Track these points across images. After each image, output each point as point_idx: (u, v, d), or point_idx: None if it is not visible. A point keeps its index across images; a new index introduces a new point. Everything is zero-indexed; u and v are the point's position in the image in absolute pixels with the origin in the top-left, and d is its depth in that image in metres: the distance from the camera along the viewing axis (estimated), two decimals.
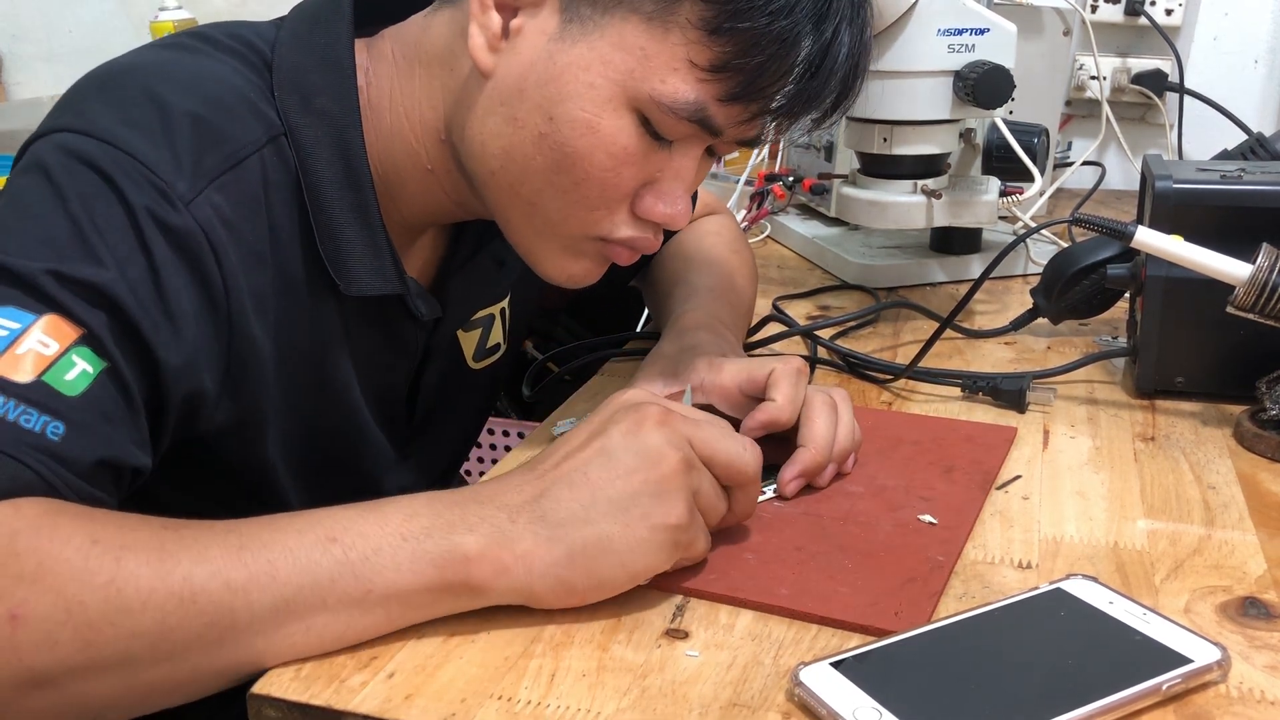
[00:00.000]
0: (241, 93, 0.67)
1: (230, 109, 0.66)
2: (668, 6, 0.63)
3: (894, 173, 1.05)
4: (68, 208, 0.59)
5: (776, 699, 0.53)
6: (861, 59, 0.68)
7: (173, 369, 0.61)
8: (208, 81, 0.67)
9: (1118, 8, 1.65)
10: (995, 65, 0.95)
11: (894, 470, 0.75)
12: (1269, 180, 0.83)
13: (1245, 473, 0.76)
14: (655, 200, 0.70)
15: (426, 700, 0.52)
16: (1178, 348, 0.86)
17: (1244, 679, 0.54)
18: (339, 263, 0.71)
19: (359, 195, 0.70)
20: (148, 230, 0.60)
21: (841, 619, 0.58)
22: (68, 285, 0.57)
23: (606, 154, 0.66)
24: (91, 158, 0.61)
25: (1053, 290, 0.97)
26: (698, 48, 0.63)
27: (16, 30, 2.46)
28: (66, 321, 0.57)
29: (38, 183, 0.61)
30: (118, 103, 0.64)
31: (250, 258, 0.66)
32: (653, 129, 0.67)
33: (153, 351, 0.60)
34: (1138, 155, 1.66)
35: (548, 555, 0.56)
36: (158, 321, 0.60)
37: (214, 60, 0.69)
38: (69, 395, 0.56)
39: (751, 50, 0.63)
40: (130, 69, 0.67)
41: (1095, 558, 0.65)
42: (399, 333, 0.79)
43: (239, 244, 0.65)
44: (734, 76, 0.64)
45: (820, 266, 1.27)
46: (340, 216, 0.70)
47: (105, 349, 0.58)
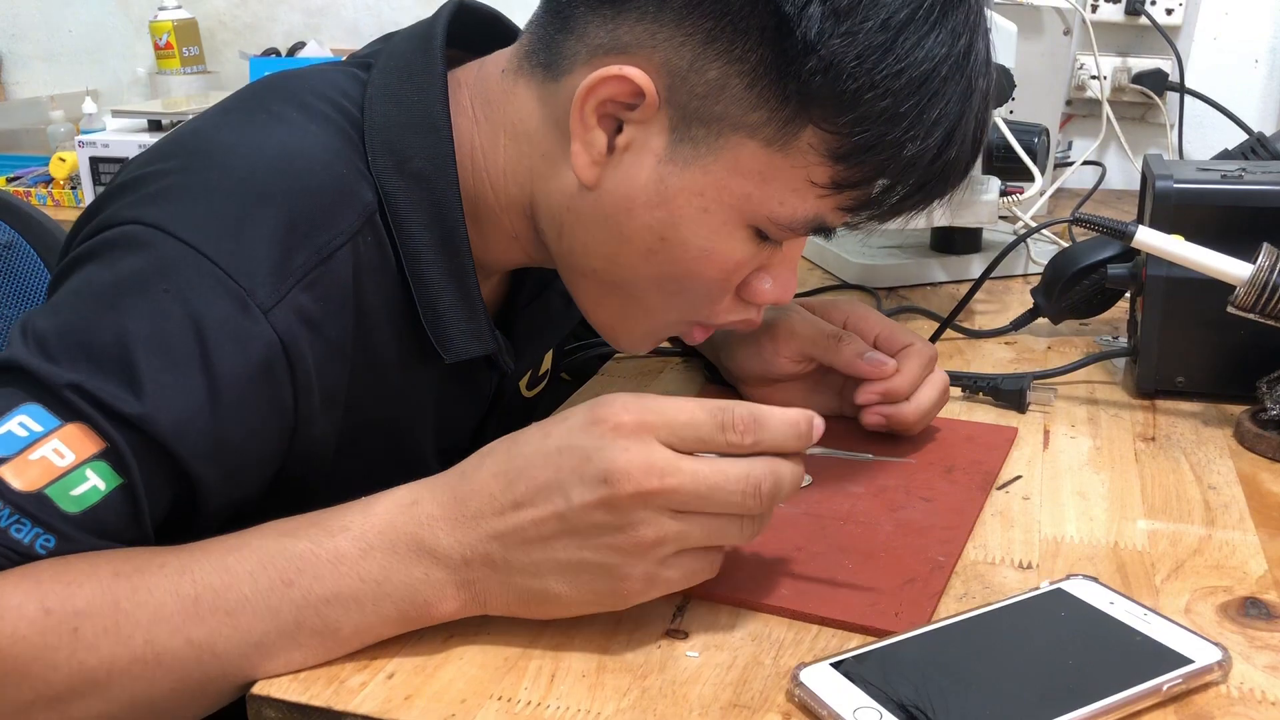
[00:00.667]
0: (334, 170, 0.64)
1: (323, 195, 0.63)
2: (789, 132, 0.60)
3: None
4: (120, 320, 0.56)
5: (776, 699, 0.53)
6: (974, 157, 0.66)
7: (211, 484, 0.59)
8: (298, 160, 0.63)
9: (1118, 7, 1.65)
10: (995, 65, 0.95)
11: (894, 470, 0.75)
12: (1269, 180, 0.83)
13: (1246, 473, 0.76)
14: (764, 284, 0.69)
15: (426, 701, 0.52)
16: (1178, 348, 0.86)
17: (1244, 679, 0.54)
18: (439, 331, 0.69)
19: (456, 260, 0.68)
20: (215, 347, 0.57)
21: (842, 619, 0.58)
22: (93, 403, 0.55)
23: (719, 270, 0.66)
24: (163, 262, 0.58)
25: (1053, 290, 0.97)
26: (819, 169, 0.61)
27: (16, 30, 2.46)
28: (91, 433, 0.55)
29: (95, 283, 0.58)
30: (199, 191, 0.61)
31: (329, 355, 0.64)
32: (765, 235, 0.65)
33: (189, 473, 0.58)
34: (1138, 155, 1.66)
35: (501, 597, 0.55)
36: (200, 449, 0.57)
37: (301, 131, 0.65)
38: (69, 511, 0.54)
39: (876, 174, 0.62)
40: (210, 147, 0.64)
41: (1095, 558, 0.65)
42: (478, 386, 0.79)
43: (319, 344, 0.62)
44: (854, 194, 0.63)
45: (820, 266, 1.27)
46: (438, 283, 0.68)
47: (126, 467, 0.55)
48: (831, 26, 0.58)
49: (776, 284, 0.69)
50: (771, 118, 0.60)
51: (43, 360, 0.55)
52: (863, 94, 0.59)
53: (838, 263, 1.23)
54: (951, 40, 0.60)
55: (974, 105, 0.63)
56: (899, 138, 0.60)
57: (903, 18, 0.58)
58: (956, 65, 0.60)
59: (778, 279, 0.69)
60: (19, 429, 0.54)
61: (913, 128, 0.60)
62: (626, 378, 0.95)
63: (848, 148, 0.60)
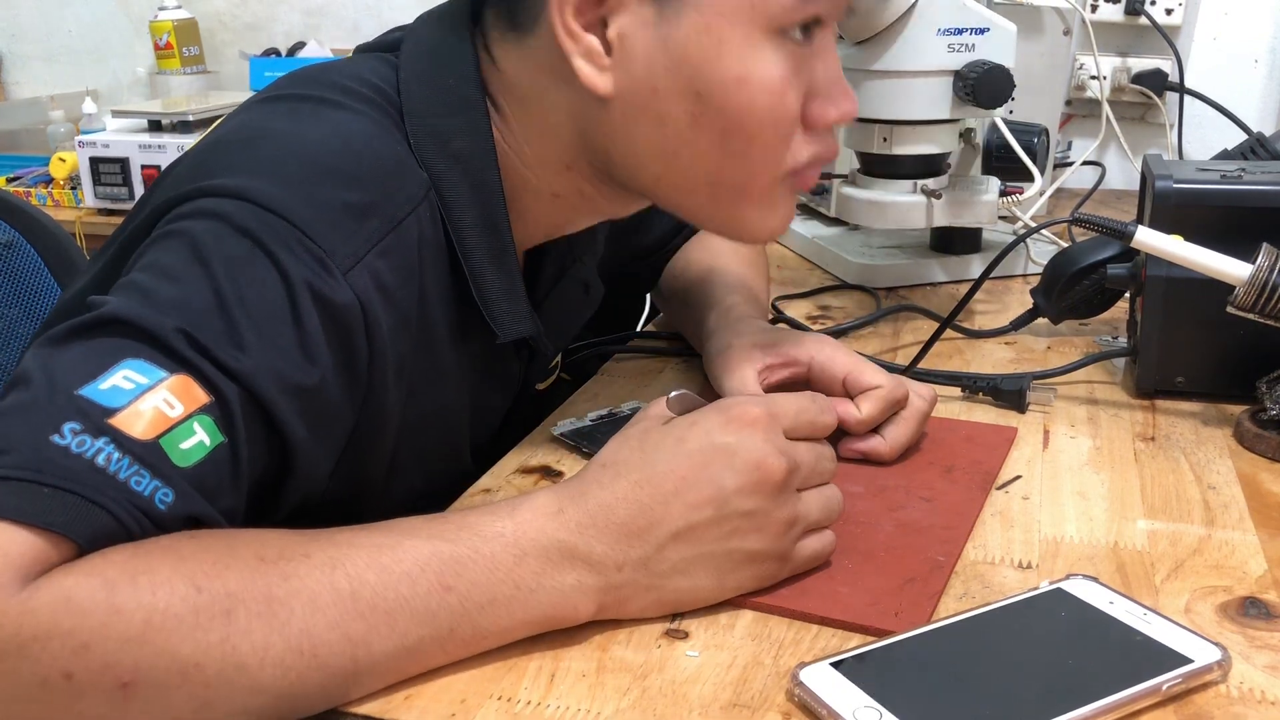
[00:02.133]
0: (390, 147, 0.65)
1: (385, 168, 0.64)
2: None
3: (894, 173, 1.05)
4: (214, 280, 0.56)
5: (776, 699, 0.53)
6: None
7: (300, 442, 0.59)
8: (355, 140, 0.64)
9: (1118, 7, 1.65)
10: (995, 65, 0.95)
11: (894, 470, 0.75)
12: (1269, 180, 0.83)
13: (1245, 473, 0.76)
14: (824, 106, 0.67)
15: (426, 700, 0.52)
16: (1178, 348, 0.86)
17: (1244, 679, 0.54)
18: (490, 311, 0.70)
19: (497, 239, 0.69)
20: (303, 304, 0.58)
21: (842, 619, 0.58)
22: (200, 352, 0.54)
23: (767, 93, 0.64)
24: (245, 224, 0.58)
25: (1053, 290, 0.97)
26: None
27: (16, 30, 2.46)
28: (196, 385, 0.54)
29: (180, 251, 0.57)
30: (269, 164, 0.61)
31: (400, 324, 0.65)
32: (791, 36, 0.64)
33: (283, 431, 0.58)
34: (1138, 155, 1.66)
35: (642, 599, 0.57)
36: (297, 409, 0.58)
37: (351, 114, 0.66)
38: (181, 465, 0.52)
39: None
40: (265, 132, 0.64)
41: (1095, 558, 0.65)
42: (511, 371, 0.80)
43: (392, 311, 0.63)
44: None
45: (820, 266, 1.27)
46: (482, 262, 0.69)
47: (231, 424, 0.55)
48: None
49: (833, 101, 0.68)
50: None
51: (147, 309, 0.54)
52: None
53: (838, 263, 1.23)
54: None
55: None
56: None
57: None
58: None
59: (831, 96, 0.68)
60: (125, 382, 0.52)
61: None
62: (627, 377, 0.95)
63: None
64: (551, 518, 0.55)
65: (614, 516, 0.55)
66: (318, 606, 0.49)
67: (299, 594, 0.49)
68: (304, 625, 0.49)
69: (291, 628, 0.49)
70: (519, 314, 0.72)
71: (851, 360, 0.79)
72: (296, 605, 0.49)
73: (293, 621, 0.49)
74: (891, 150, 1.02)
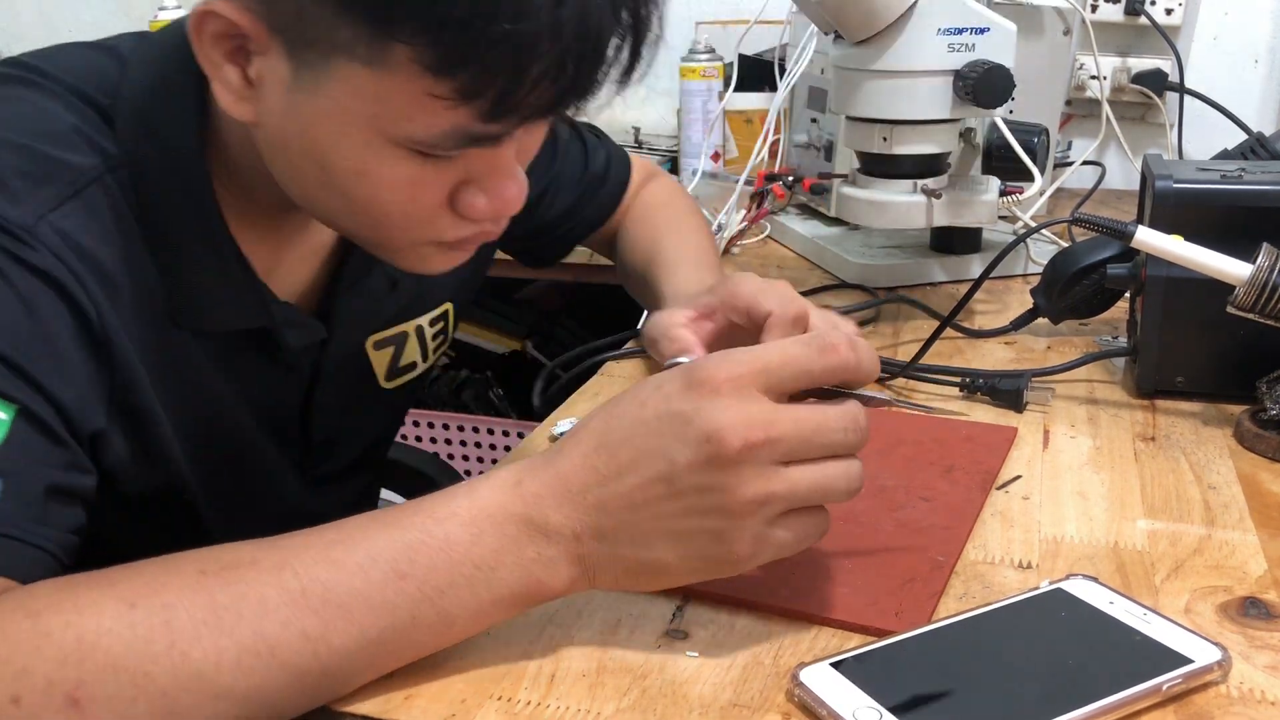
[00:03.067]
0: (73, 124, 0.65)
1: (62, 139, 0.64)
2: (380, 49, 0.55)
3: (894, 172, 1.05)
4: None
5: (776, 699, 0.53)
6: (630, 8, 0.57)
7: (71, 406, 0.59)
8: (37, 116, 0.64)
9: (1118, 7, 1.65)
10: (995, 65, 0.95)
11: (894, 470, 0.75)
12: (1269, 180, 0.83)
13: (1246, 473, 0.76)
14: (474, 198, 0.63)
15: (426, 700, 0.52)
16: (1178, 348, 0.86)
17: (1244, 679, 0.54)
18: (189, 299, 0.68)
19: (206, 225, 0.67)
20: (7, 269, 0.58)
21: (842, 619, 0.58)
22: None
23: (390, 190, 0.61)
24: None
25: (1053, 290, 0.97)
26: (431, 83, 0.55)
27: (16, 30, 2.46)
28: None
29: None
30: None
31: (111, 285, 0.63)
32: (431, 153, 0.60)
33: (48, 392, 0.57)
34: (1138, 155, 1.66)
35: (610, 570, 0.54)
36: (44, 363, 0.58)
37: (43, 94, 0.66)
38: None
39: (492, 75, 0.55)
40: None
41: (1095, 558, 0.65)
42: (278, 356, 0.76)
43: (97, 271, 0.62)
44: (485, 100, 0.56)
45: (820, 266, 1.27)
46: (191, 250, 0.67)
47: (9, 394, 0.55)
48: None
49: (490, 195, 0.63)
50: (357, 35, 0.55)
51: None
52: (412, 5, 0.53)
53: (837, 263, 1.23)
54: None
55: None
56: (488, 30, 0.53)
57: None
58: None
59: (491, 189, 0.63)
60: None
61: (497, 12, 0.52)
62: (626, 378, 0.95)
63: (440, 59, 0.54)
64: (509, 490, 0.53)
65: (570, 485, 0.53)
66: (268, 607, 0.49)
67: (246, 597, 0.49)
68: (255, 627, 0.49)
69: (242, 630, 0.48)
70: (239, 304, 0.70)
71: (755, 286, 0.74)
72: (245, 608, 0.49)
73: (242, 624, 0.48)
74: (891, 150, 1.02)
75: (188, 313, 0.68)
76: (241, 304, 0.70)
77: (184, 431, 0.71)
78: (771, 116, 1.40)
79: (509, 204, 0.64)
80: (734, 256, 1.34)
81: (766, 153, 1.44)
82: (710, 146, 1.67)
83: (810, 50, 1.32)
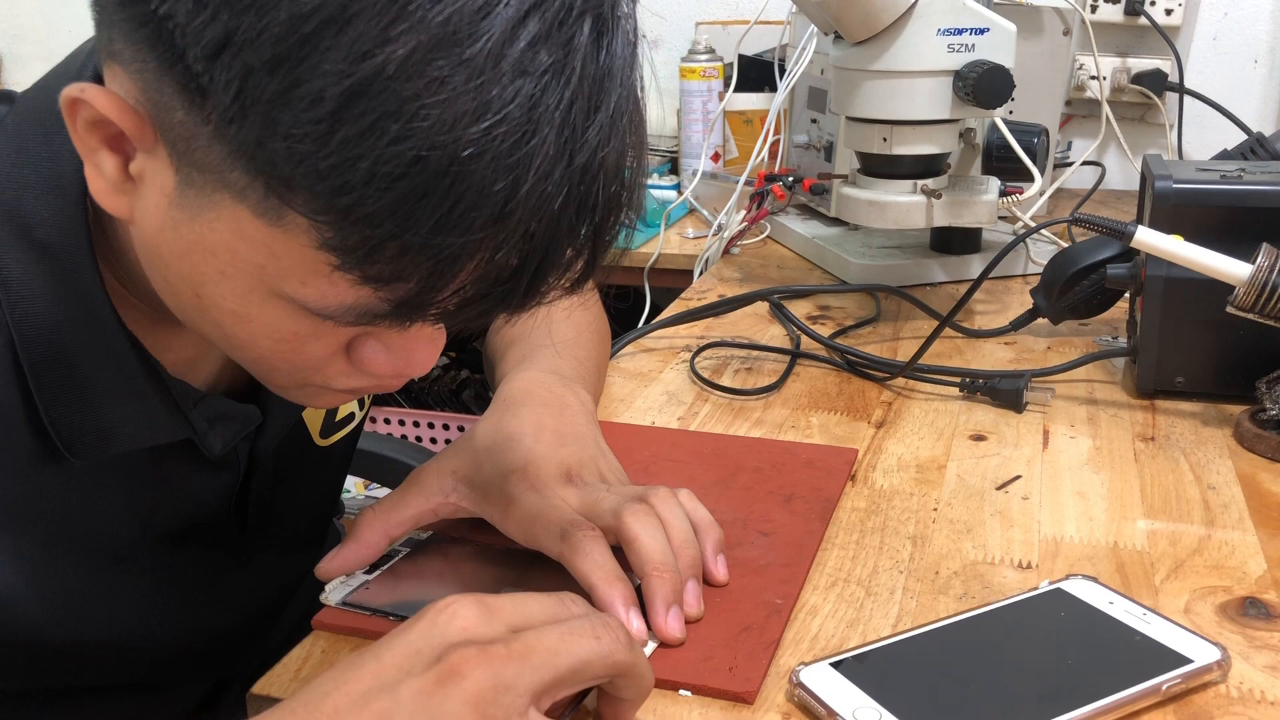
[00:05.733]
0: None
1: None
2: (274, 208, 0.44)
3: (894, 172, 1.05)
4: None
5: (776, 699, 0.53)
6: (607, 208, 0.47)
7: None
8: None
9: (1118, 8, 1.65)
10: (995, 65, 0.95)
11: (732, 502, 0.71)
12: (1269, 180, 0.83)
13: (1245, 473, 0.76)
14: (377, 352, 0.53)
15: None
16: (1178, 348, 0.86)
17: (1244, 679, 0.54)
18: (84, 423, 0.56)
19: (105, 338, 0.56)
20: None
21: (672, 679, 0.54)
22: None
23: (273, 341, 0.51)
24: None
25: (1053, 290, 0.97)
26: (332, 258, 0.45)
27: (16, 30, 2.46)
28: None
29: None
30: None
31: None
32: None
33: None
34: (1138, 155, 1.66)
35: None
36: None
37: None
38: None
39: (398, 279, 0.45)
40: None
41: (1095, 558, 0.65)
42: (203, 462, 0.64)
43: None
44: (392, 292, 0.46)
45: (820, 266, 1.27)
46: (88, 368, 0.56)
47: None
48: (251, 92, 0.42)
49: (395, 354, 0.53)
50: (250, 185, 0.45)
51: None
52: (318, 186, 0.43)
53: (837, 263, 1.23)
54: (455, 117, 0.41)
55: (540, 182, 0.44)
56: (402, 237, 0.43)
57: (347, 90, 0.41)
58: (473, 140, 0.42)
59: (397, 349, 0.53)
60: None
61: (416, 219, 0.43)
62: (627, 378, 0.95)
63: (343, 247, 0.44)
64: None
65: None
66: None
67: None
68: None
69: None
70: (149, 419, 0.59)
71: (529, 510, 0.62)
72: None
73: None
74: (891, 150, 1.02)
75: (75, 443, 0.56)
76: (153, 420, 0.59)
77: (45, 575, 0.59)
78: (771, 117, 1.40)
79: (415, 368, 0.54)
80: (734, 256, 1.34)
81: (766, 153, 1.44)
82: (710, 146, 1.67)
83: (810, 50, 1.33)
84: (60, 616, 0.60)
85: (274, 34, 0.41)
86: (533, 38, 0.42)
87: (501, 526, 0.63)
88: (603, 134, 0.45)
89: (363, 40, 0.40)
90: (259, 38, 0.41)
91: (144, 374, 0.58)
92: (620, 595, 0.56)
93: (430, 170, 0.42)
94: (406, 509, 0.65)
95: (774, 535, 0.67)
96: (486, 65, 0.41)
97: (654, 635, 0.56)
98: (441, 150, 0.41)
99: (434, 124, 0.41)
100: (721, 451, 0.79)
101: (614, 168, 0.46)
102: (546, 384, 0.72)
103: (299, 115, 0.41)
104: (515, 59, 0.42)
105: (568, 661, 0.46)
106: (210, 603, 0.69)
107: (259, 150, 0.43)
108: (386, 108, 0.41)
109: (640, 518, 0.59)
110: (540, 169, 0.43)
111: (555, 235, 0.46)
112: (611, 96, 0.45)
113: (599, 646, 0.47)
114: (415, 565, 0.65)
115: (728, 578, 0.61)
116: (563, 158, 0.44)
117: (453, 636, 0.45)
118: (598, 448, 0.68)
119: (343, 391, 0.56)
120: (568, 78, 0.43)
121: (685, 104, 1.70)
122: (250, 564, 0.72)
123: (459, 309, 0.47)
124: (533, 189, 0.43)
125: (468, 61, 0.41)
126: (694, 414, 0.87)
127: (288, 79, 0.41)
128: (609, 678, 0.48)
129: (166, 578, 0.66)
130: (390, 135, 0.41)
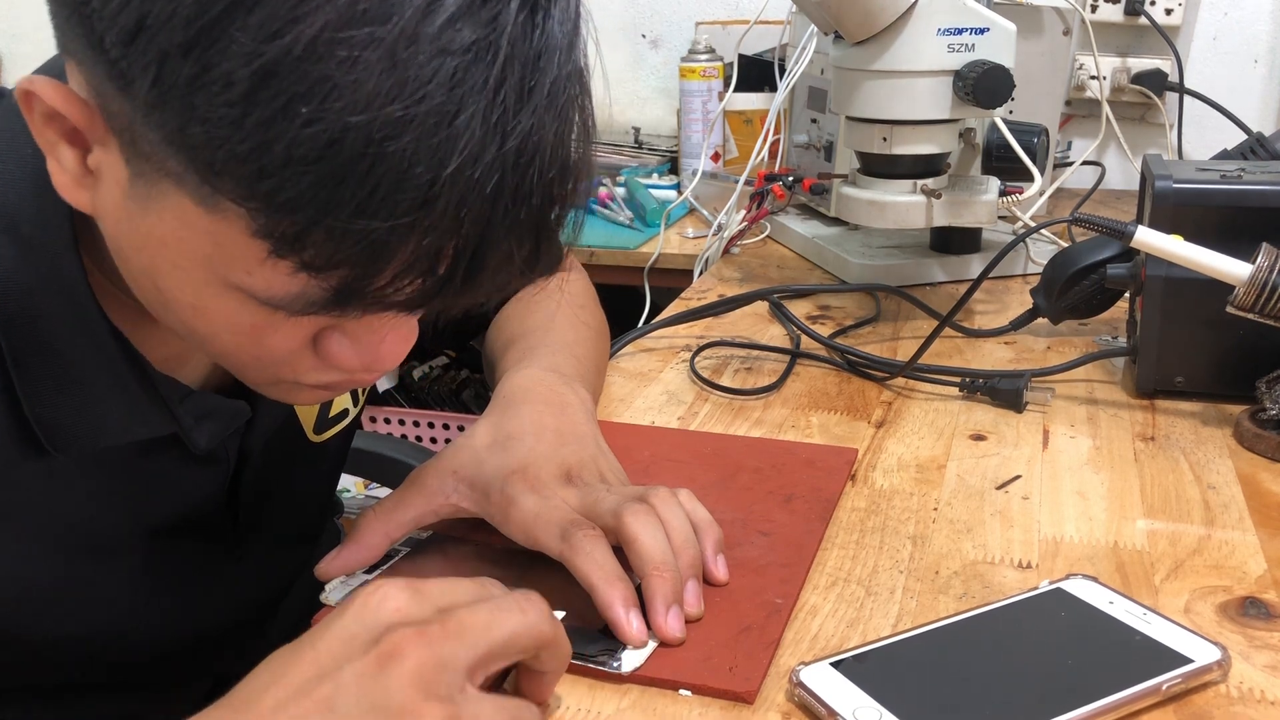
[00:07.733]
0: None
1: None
2: (209, 195, 0.44)
3: (894, 172, 1.05)
4: None
5: (776, 698, 0.53)
6: (545, 191, 0.45)
7: None
8: None
9: (1118, 7, 1.65)
10: (995, 65, 0.95)
11: (732, 502, 0.71)
12: (1269, 180, 0.83)
13: (1245, 473, 0.76)
14: (343, 346, 0.53)
15: None
16: (1178, 348, 0.86)
17: (1244, 679, 0.54)
18: (66, 418, 0.56)
19: (90, 331, 0.55)
20: None
21: (673, 679, 0.54)
22: None
23: (232, 334, 0.51)
24: None
25: (1053, 290, 0.97)
26: (267, 246, 0.45)
27: (16, 30, 2.46)
28: None
29: None
30: None
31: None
32: None
33: None
34: (1138, 155, 1.66)
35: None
36: None
37: None
38: None
39: (331, 265, 0.44)
40: None
41: (1095, 558, 0.65)
42: (192, 456, 0.64)
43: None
44: (332, 281, 0.45)
45: (820, 266, 1.27)
46: (80, 362, 0.55)
47: None
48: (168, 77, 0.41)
49: (362, 347, 0.53)
50: (185, 172, 0.44)
51: None
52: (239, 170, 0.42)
53: (837, 263, 1.23)
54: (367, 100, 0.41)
55: (473, 158, 0.42)
56: (326, 221, 0.42)
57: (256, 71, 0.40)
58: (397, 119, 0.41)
59: (363, 340, 0.53)
60: None
61: (338, 203, 0.42)
62: (627, 378, 0.95)
63: (273, 234, 0.44)
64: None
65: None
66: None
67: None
68: None
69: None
70: (137, 413, 0.58)
71: (531, 510, 0.61)
72: None
73: None
74: (891, 150, 1.02)
75: (60, 439, 0.56)
76: (141, 413, 0.59)
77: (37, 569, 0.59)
78: (771, 116, 1.40)
79: (383, 361, 0.53)
80: (734, 256, 1.34)
81: (766, 153, 1.44)
82: (710, 146, 1.67)
83: (810, 50, 1.33)
84: (39, 610, 0.60)
85: (184, 16, 0.40)
86: (451, 15, 0.41)
87: (501, 526, 0.63)
88: (538, 116, 0.43)
89: (272, 20, 0.40)
90: (170, 20, 0.41)
91: (129, 368, 0.57)
92: (621, 595, 0.56)
93: (346, 152, 0.41)
94: (407, 509, 0.65)
95: (774, 535, 0.67)
96: (400, 43, 0.40)
97: (654, 635, 0.56)
98: (357, 131, 0.41)
99: (347, 104, 0.40)
100: (721, 451, 0.79)
101: (552, 152, 0.44)
102: (546, 382, 0.72)
103: (214, 98, 0.41)
104: (433, 36, 0.41)
105: (500, 635, 0.46)
106: (205, 596, 0.69)
107: (181, 136, 0.43)
108: (297, 89, 0.40)
109: (640, 517, 0.59)
110: (467, 151, 0.42)
111: (491, 221, 0.44)
112: (547, 76, 0.43)
113: (526, 620, 0.47)
114: (415, 565, 0.65)
115: (728, 577, 0.61)
116: (493, 140, 0.42)
117: (387, 619, 0.45)
118: (598, 447, 0.68)
119: (316, 388, 0.56)
120: (493, 56, 0.42)
121: (685, 104, 1.70)
122: (245, 558, 0.72)
123: (409, 299, 0.46)
124: (459, 171, 0.42)
125: (380, 40, 0.40)
126: (694, 414, 0.87)
127: (200, 62, 0.41)
128: (535, 651, 0.48)
129: (160, 570, 0.65)
130: (303, 117, 0.40)
